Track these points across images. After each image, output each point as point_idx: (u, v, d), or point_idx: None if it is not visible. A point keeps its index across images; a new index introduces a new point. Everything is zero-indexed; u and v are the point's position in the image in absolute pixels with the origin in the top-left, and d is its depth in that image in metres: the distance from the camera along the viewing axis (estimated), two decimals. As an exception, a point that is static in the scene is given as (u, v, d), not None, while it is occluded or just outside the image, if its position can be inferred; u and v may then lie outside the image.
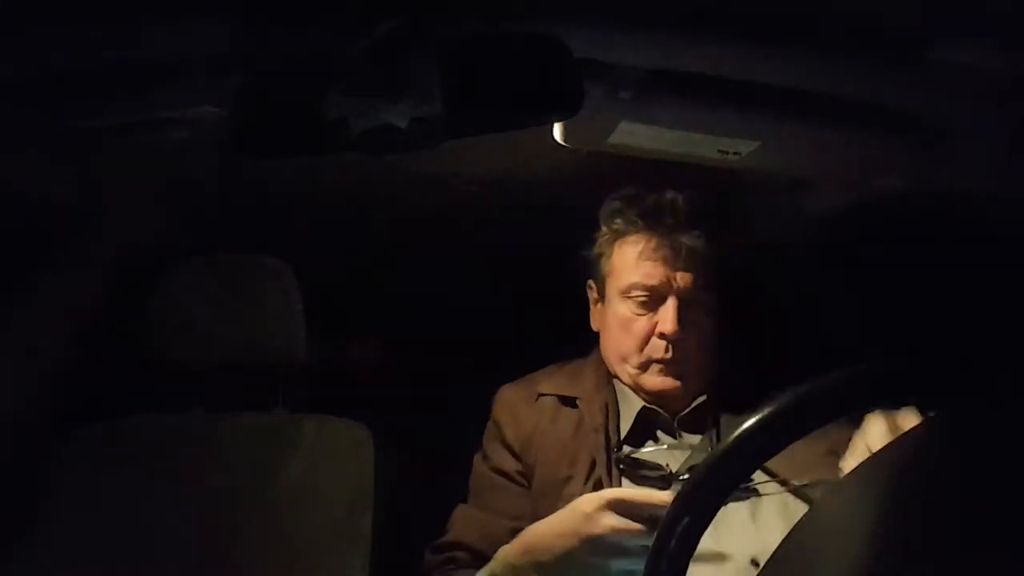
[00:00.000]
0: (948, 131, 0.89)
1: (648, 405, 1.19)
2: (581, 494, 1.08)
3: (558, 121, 0.96)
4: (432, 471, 1.35)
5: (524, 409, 1.24)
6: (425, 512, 1.23)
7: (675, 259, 1.16)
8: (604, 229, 1.24)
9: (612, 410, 1.20)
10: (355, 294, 1.61)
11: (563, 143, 1.01)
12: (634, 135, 0.96)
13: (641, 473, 1.11)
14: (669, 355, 1.16)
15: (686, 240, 1.17)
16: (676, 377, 1.17)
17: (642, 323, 1.18)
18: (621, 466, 1.13)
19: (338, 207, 1.53)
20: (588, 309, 1.32)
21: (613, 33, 0.77)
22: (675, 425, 1.18)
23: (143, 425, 1.34)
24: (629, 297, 1.19)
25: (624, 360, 1.21)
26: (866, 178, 1.10)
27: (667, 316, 1.15)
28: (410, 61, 0.71)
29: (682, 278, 1.16)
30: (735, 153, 1.00)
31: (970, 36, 0.73)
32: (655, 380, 1.18)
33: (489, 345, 1.58)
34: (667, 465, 1.09)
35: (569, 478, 1.14)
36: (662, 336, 1.16)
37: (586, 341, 1.36)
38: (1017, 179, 0.91)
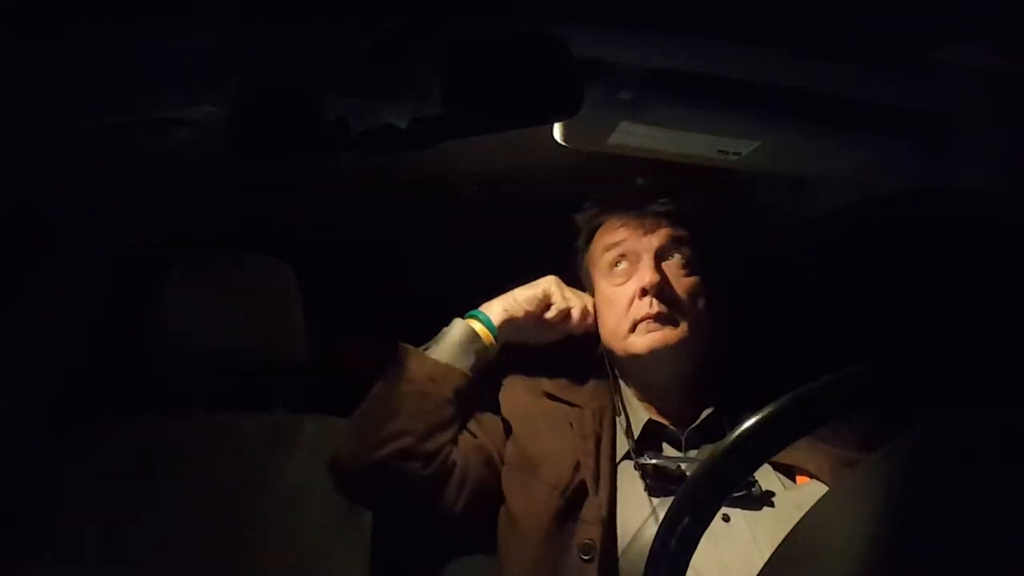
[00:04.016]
0: (948, 131, 0.89)
1: (654, 419, 1.18)
2: (555, 484, 1.10)
3: (558, 121, 0.96)
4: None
5: (523, 394, 1.24)
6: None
7: (642, 225, 1.20)
8: (582, 229, 1.29)
9: (608, 417, 1.19)
10: (355, 294, 1.61)
11: (563, 143, 1.01)
12: (634, 135, 0.96)
13: (662, 480, 1.10)
14: (655, 310, 1.15)
15: (651, 208, 1.21)
16: (666, 334, 1.15)
17: (625, 290, 1.19)
18: (641, 472, 1.12)
19: (338, 207, 1.53)
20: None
21: (613, 33, 0.77)
22: (683, 439, 1.16)
23: (143, 425, 1.34)
24: (610, 270, 1.22)
25: (615, 333, 1.20)
26: (866, 178, 1.10)
27: (645, 269, 1.17)
28: (410, 61, 0.71)
29: (653, 237, 1.19)
30: (735, 153, 1.00)
31: (970, 36, 0.73)
32: (644, 339, 1.16)
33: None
34: (686, 470, 1.09)
35: (542, 464, 1.13)
36: (643, 293, 1.16)
37: (586, 341, 1.36)
38: (1017, 179, 0.91)
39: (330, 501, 1.23)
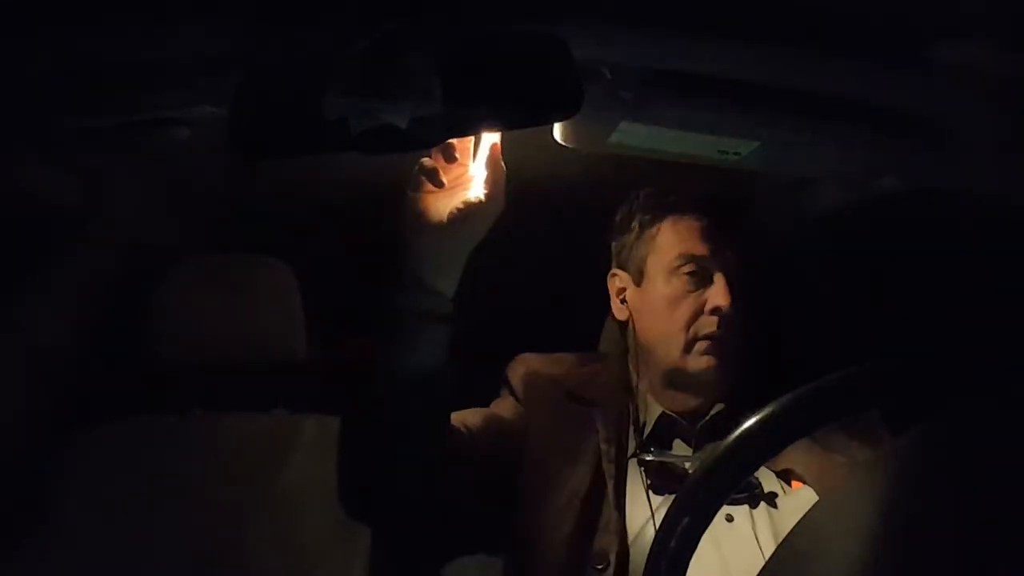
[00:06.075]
0: (948, 131, 0.89)
1: (667, 412, 1.18)
2: (582, 496, 1.08)
3: (558, 121, 0.96)
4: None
5: (538, 377, 1.23)
6: (425, 512, 1.23)
7: (725, 238, 1.18)
8: (642, 214, 1.25)
9: (626, 415, 1.18)
10: (355, 294, 1.61)
11: (563, 143, 1.00)
12: (634, 135, 0.96)
13: (666, 478, 1.10)
14: (720, 331, 1.15)
15: (733, 223, 1.20)
16: (719, 357, 1.16)
17: (690, 300, 1.17)
18: (644, 469, 1.12)
19: (338, 207, 1.53)
20: (589, 309, 1.32)
21: (613, 33, 0.77)
22: (694, 434, 1.16)
23: (143, 425, 1.34)
24: (677, 272, 1.18)
25: (667, 340, 1.18)
26: (866, 178, 1.10)
27: (720, 290, 1.15)
28: (410, 61, 0.71)
29: (729, 256, 1.18)
30: (735, 153, 0.99)
31: (970, 36, 0.73)
32: (700, 360, 1.16)
33: (488, 345, 1.58)
34: (689, 468, 1.09)
35: (568, 478, 1.12)
36: (715, 311, 1.15)
37: (587, 342, 1.36)
38: (1017, 179, 0.91)
39: (330, 501, 1.23)
